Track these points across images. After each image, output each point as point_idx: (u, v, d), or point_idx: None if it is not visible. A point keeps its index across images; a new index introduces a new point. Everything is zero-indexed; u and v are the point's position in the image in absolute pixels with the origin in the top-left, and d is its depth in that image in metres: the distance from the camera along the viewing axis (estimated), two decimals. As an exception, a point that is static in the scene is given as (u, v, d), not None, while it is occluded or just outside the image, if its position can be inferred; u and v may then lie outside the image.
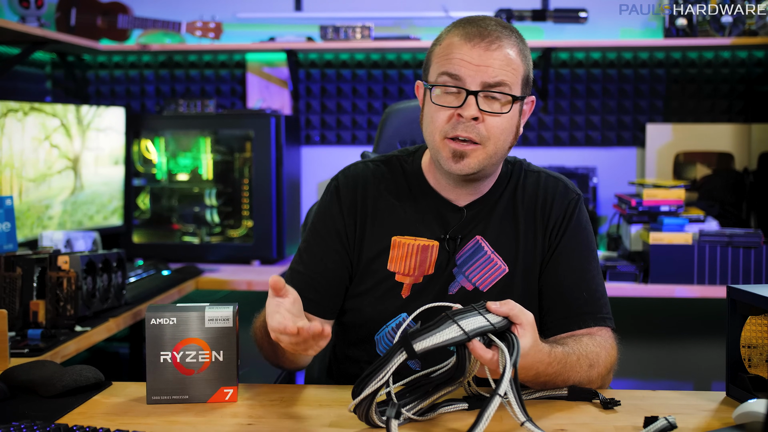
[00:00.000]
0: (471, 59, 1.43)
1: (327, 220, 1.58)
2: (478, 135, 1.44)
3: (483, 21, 1.48)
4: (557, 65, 3.39)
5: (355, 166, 1.63)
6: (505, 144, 1.48)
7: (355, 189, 1.58)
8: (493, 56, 1.44)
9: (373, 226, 1.56)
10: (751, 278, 2.73)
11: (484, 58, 1.43)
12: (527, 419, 1.14)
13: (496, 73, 1.43)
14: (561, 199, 1.57)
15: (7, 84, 3.25)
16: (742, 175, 3.24)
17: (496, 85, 1.44)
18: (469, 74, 1.43)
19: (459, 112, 1.44)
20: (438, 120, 1.46)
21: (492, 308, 1.23)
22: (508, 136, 1.48)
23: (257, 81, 3.51)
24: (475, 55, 1.44)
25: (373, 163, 1.62)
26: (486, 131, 1.44)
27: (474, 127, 1.44)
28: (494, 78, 1.43)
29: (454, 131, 1.44)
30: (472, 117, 1.43)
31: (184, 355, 1.33)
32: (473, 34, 1.45)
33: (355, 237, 1.57)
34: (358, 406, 1.20)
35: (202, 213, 3.36)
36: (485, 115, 1.44)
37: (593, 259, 1.56)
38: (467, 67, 1.43)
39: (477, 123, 1.43)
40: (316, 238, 1.58)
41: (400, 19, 3.42)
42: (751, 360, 1.35)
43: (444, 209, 1.56)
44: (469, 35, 1.45)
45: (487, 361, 1.19)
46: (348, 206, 1.57)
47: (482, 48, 1.44)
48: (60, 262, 2.00)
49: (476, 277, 1.53)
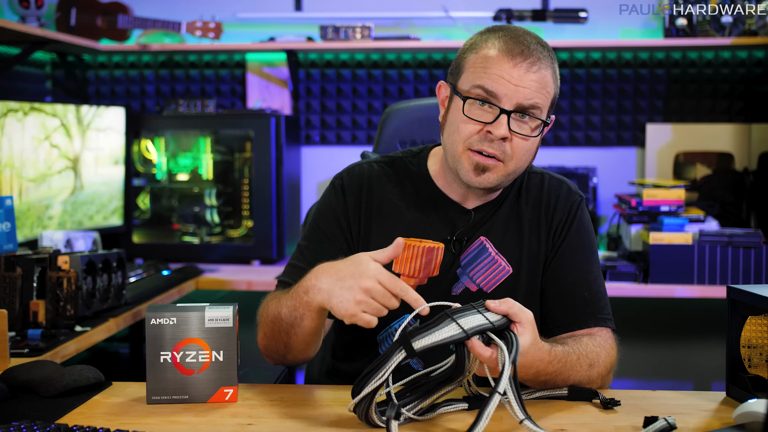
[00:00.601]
0: (510, 78, 1.41)
1: (331, 217, 1.57)
2: (503, 153, 1.43)
3: (525, 38, 1.44)
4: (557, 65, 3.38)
5: (359, 165, 1.62)
6: (525, 164, 1.48)
7: (360, 188, 1.58)
8: (532, 78, 1.41)
9: (379, 227, 1.56)
10: (751, 278, 2.73)
11: (523, 79, 1.41)
12: (526, 417, 1.14)
13: (532, 95, 1.42)
14: (564, 201, 1.57)
15: (7, 84, 3.25)
16: (742, 175, 3.24)
17: (530, 107, 1.42)
18: (506, 93, 1.41)
19: (489, 129, 1.42)
20: (465, 131, 1.44)
21: (491, 307, 1.23)
22: (530, 156, 1.49)
23: (257, 81, 3.51)
24: (515, 74, 1.41)
25: (378, 164, 1.61)
26: (511, 151, 1.44)
27: (501, 146, 1.43)
28: (529, 100, 1.42)
29: (479, 145, 1.43)
30: (501, 137, 1.42)
31: (184, 355, 1.33)
32: (516, 51, 1.42)
33: (360, 236, 1.56)
34: (357, 405, 1.20)
35: (202, 213, 3.36)
36: (514, 135, 1.43)
37: (595, 261, 1.57)
38: (505, 86, 1.41)
39: (503, 142, 1.43)
40: (319, 235, 1.57)
41: (400, 19, 3.42)
42: (751, 360, 1.35)
43: (452, 212, 1.55)
44: (511, 51, 1.42)
45: (486, 359, 1.19)
46: (353, 205, 1.57)
47: (523, 68, 1.41)
48: (60, 262, 2.00)
49: (480, 279, 1.53)
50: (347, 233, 1.56)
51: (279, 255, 3.21)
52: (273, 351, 1.49)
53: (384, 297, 1.26)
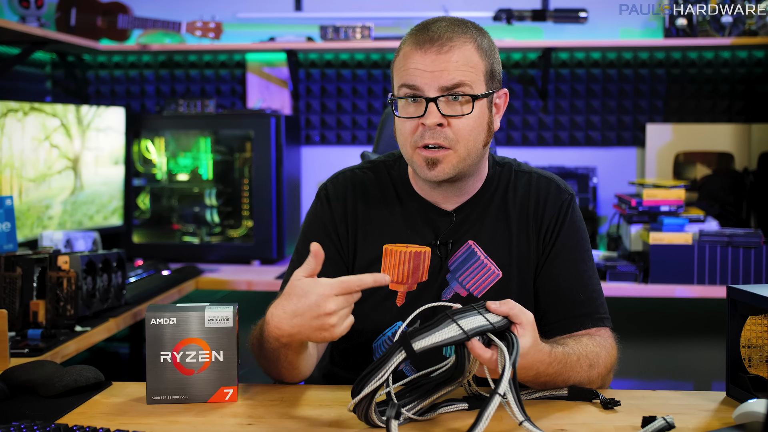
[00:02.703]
0: (425, 66, 1.42)
1: (320, 228, 1.57)
2: (446, 140, 1.43)
3: (434, 24, 1.45)
4: (557, 65, 3.39)
5: (343, 173, 1.62)
6: (476, 143, 1.46)
7: (345, 196, 1.58)
8: (447, 59, 1.42)
9: (365, 235, 1.56)
10: (751, 278, 2.73)
11: (437, 63, 1.42)
12: (525, 419, 1.14)
13: (453, 75, 1.42)
14: (554, 200, 1.56)
15: (7, 84, 3.25)
16: (742, 175, 3.24)
17: (455, 87, 1.42)
18: (425, 82, 1.42)
19: (422, 122, 1.43)
20: (405, 131, 1.45)
21: (491, 308, 1.23)
22: (479, 134, 1.46)
23: (257, 81, 3.51)
24: (428, 61, 1.42)
25: (361, 170, 1.61)
26: (454, 134, 1.43)
27: (440, 133, 1.43)
28: (451, 80, 1.42)
29: (422, 140, 1.44)
30: (435, 124, 1.42)
31: (184, 355, 1.33)
32: (424, 40, 1.43)
33: (349, 245, 1.56)
34: (357, 405, 1.20)
35: (202, 213, 3.36)
36: (449, 119, 1.43)
37: (588, 260, 1.55)
38: (422, 75, 1.42)
39: (442, 128, 1.43)
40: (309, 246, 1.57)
41: (400, 19, 3.42)
42: (751, 360, 1.35)
43: (433, 214, 1.55)
44: (420, 42, 1.43)
45: (486, 360, 1.19)
46: (340, 214, 1.57)
47: (434, 53, 1.42)
48: (60, 262, 2.00)
49: (470, 283, 1.52)
50: (336, 242, 1.56)
51: (279, 255, 3.21)
52: (268, 371, 1.48)
53: (348, 301, 1.26)
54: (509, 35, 3.34)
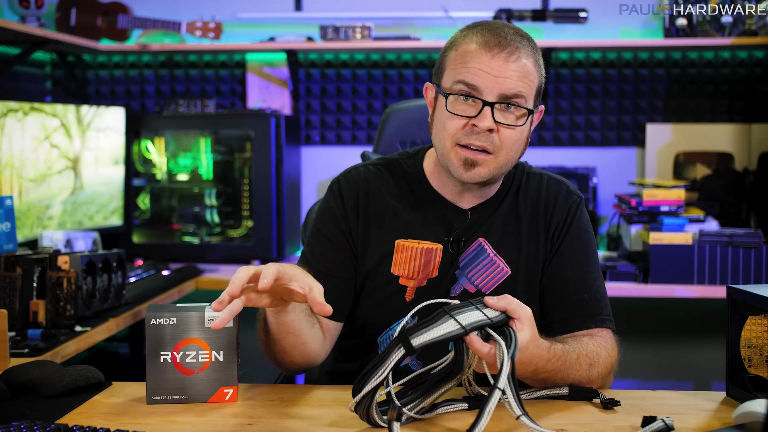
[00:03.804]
0: (490, 70, 1.42)
1: (331, 221, 1.58)
2: (492, 145, 1.44)
3: (502, 29, 1.45)
4: (557, 65, 3.39)
5: (356, 168, 1.62)
6: (516, 154, 1.48)
7: (357, 191, 1.58)
8: (512, 67, 1.42)
9: (377, 230, 1.56)
10: (751, 278, 2.73)
11: (503, 69, 1.42)
12: (523, 413, 1.13)
13: (514, 84, 1.42)
14: (563, 202, 1.57)
15: (7, 84, 3.25)
16: (742, 175, 3.24)
17: (513, 97, 1.42)
18: (487, 85, 1.42)
19: (474, 122, 1.43)
20: (451, 127, 1.45)
21: (489, 303, 1.23)
22: (521, 146, 1.48)
23: (257, 81, 3.51)
24: (494, 65, 1.42)
25: (374, 166, 1.62)
26: (499, 142, 1.44)
27: (488, 137, 1.43)
28: (512, 90, 1.42)
29: (467, 139, 1.44)
30: (487, 128, 1.42)
31: (184, 355, 1.33)
32: (493, 43, 1.42)
33: (359, 239, 1.56)
34: (358, 404, 1.20)
35: (202, 213, 3.36)
36: (500, 126, 1.43)
37: (594, 261, 1.57)
38: (485, 78, 1.42)
39: (491, 134, 1.43)
40: (322, 240, 1.57)
41: (400, 19, 3.42)
42: (751, 360, 1.35)
43: (448, 212, 1.56)
44: (488, 44, 1.42)
45: (485, 354, 1.19)
46: (351, 207, 1.57)
47: (502, 59, 1.42)
48: (60, 262, 2.00)
49: (479, 280, 1.53)
50: (348, 235, 1.56)
51: (279, 255, 3.21)
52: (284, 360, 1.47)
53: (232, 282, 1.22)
54: (509, 35, 3.34)
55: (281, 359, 1.46)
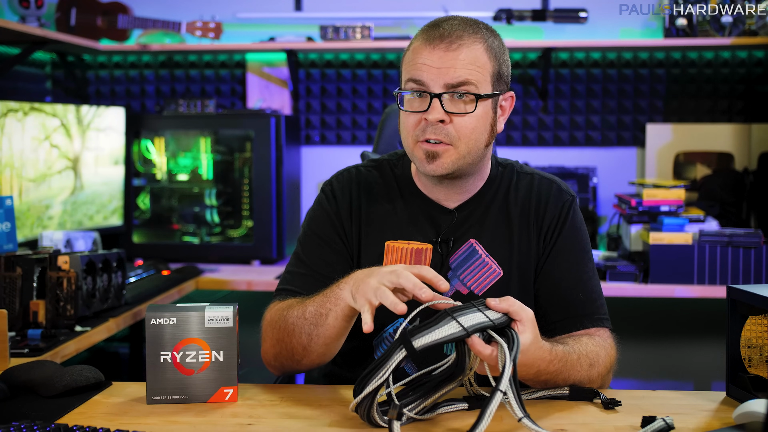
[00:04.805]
0: (432, 62, 1.44)
1: (325, 221, 1.58)
2: (447, 136, 1.44)
3: (446, 22, 1.47)
4: (557, 65, 3.39)
5: (347, 170, 1.63)
6: (478, 143, 1.47)
7: (350, 193, 1.59)
8: (454, 56, 1.43)
9: (368, 232, 1.56)
10: (751, 278, 2.73)
11: (444, 60, 1.43)
12: (525, 415, 1.13)
13: (459, 73, 1.43)
14: (555, 201, 1.57)
15: (7, 84, 3.25)
16: (742, 175, 3.24)
17: (460, 84, 1.43)
18: (431, 77, 1.43)
19: (425, 117, 1.44)
20: (408, 125, 1.47)
21: (491, 304, 1.23)
22: (481, 134, 1.47)
23: (257, 81, 3.51)
24: (435, 57, 1.44)
25: (365, 167, 1.63)
26: (455, 132, 1.44)
27: (442, 129, 1.44)
28: (457, 78, 1.43)
29: (423, 134, 1.45)
30: (437, 120, 1.43)
31: (184, 355, 1.33)
32: (434, 36, 1.45)
33: (354, 240, 1.57)
34: (359, 405, 1.20)
35: (202, 213, 3.36)
36: (452, 116, 1.44)
37: (588, 261, 1.56)
38: (429, 71, 1.44)
39: (445, 125, 1.44)
40: (315, 240, 1.57)
41: (400, 19, 3.42)
42: (751, 360, 1.35)
43: (434, 212, 1.56)
44: (430, 38, 1.45)
45: (487, 356, 1.19)
46: (345, 209, 1.58)
47: (442, 50, 1.44)
48: (60, 262, 2.00)
49: (471, 281, 1.53)
50: (342, 236, 1.57)
51: (279, 255, 3.21)
52: (285, 357, 1.46)
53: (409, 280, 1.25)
54: (509, 35, 3.34)
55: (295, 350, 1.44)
